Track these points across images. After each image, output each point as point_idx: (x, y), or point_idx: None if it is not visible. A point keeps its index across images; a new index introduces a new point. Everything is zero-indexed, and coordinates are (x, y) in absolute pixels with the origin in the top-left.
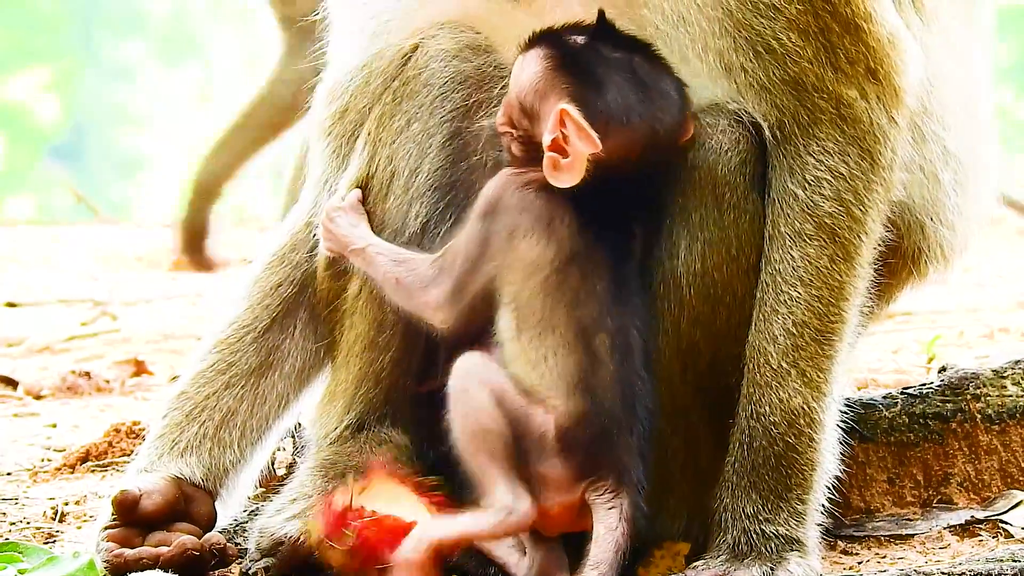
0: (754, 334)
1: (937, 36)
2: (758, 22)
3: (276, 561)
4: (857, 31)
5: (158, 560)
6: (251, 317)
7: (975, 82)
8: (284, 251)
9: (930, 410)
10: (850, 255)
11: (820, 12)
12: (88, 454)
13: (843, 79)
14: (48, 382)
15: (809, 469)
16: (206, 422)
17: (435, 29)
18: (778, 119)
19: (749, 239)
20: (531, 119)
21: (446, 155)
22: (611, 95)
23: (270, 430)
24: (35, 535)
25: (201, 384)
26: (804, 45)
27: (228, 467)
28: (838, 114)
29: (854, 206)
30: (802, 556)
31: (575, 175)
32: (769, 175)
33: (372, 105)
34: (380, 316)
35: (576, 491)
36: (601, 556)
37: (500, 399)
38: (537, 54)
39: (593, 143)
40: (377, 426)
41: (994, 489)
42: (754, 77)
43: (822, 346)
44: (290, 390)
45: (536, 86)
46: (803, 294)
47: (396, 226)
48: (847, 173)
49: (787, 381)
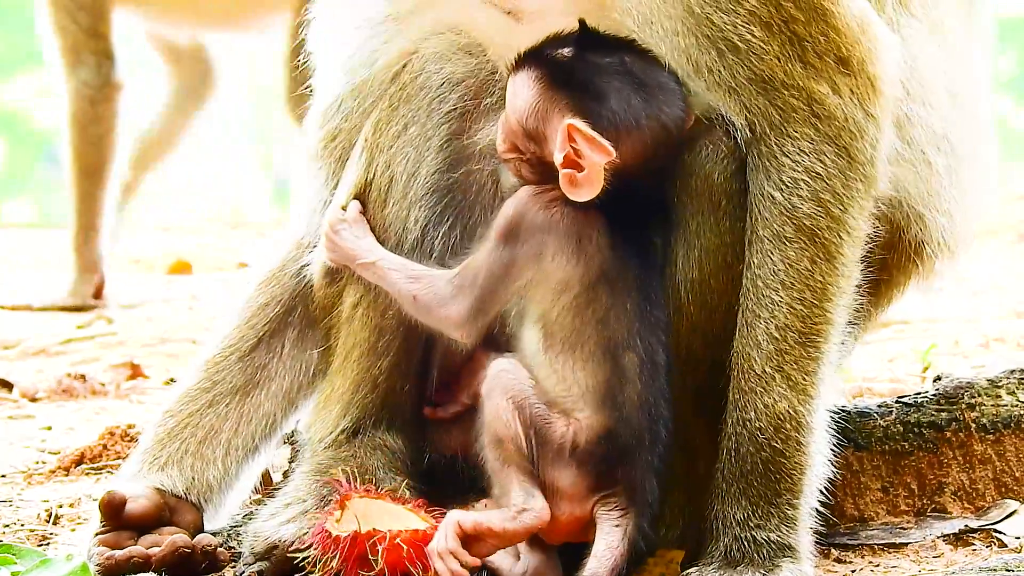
0: (738, 340)
1: (924, 24)
2: (719, 17)
3: (270, 565)
4: (824, 17)
5: (150, 560)
6: (238, 336)
7: (969, 74)
8: (274, 271)
9: (925, 419)
10: (832, 255)
11: (782, 2)
12: (83, 457)
13: (813, 74)
14: (43, 385)
15: (798, 474)
16: (188, 439)
17: (431, 33)
18: (749, 119)
19: (745, 247)
20: (537, 141)
21: (444, 158)
22: (614, 101)
23: (257, 449)
24: (29, 538)
25: (185, 402)
26: (769, 39)
27: (212, 482)
28: (810, 111)
29: (833, 205)
30: (795, 562)
31: (594, 187)
32: (747, 178)
33: (367, 115)
34: (380, 322)
35: (587, 504)
36: (598, 571)
37: (520, 407)
38: (527, 76)
39: (606, 151)
40: (372, 431)
41: (988, 498)
42: (721, 77)
43: (807, 349)
44: (277, 409)
45: (535, 108)
46: (785, 297)
47: (396, 231)
48: (824, 172)
49: (772, 386)
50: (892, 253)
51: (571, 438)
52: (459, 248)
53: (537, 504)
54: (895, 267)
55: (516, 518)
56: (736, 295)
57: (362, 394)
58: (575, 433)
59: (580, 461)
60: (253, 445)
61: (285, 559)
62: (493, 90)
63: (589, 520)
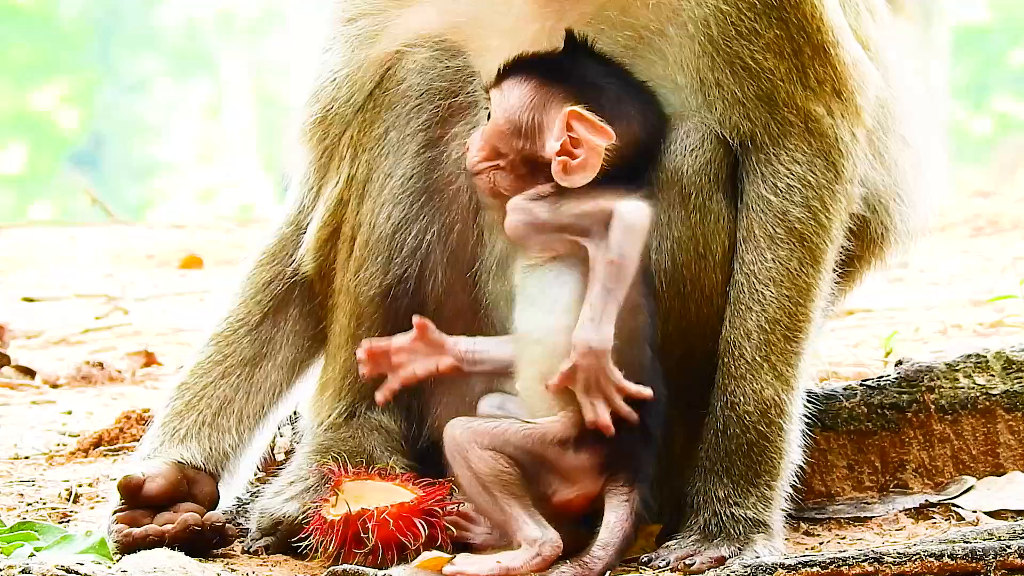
0: (728, 329)
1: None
2: (738, 43)
3: (275, 539)
4: (826, 54)
5: (163, 537)
6: (245, 312)
7: (928, 83)
8: (274, 249)
9: (887, 401)
10: (817, 259)
11: (795, 36)
12: (101, 439)
13: (812, 96)
14: (64, 372)
15: (778, 457)
16: (204, 410)
17: (416, 38)
18: (750, 130)
19: (715, 237)
20: (528, 135)
21: (420, 162)
22: (607, 94)
23: (267, 416)
24: (51, 515)
25: (199, 375)
26: (778, 64)
27: (228, 451)
28: (806, 128)
29: (821, 213)
30: (768, 538)
31: (589, 172)
32: (741, 181)
33: (355, 107)
34: (357, 310)
35: (597, 483)
36: (610, 539)
37: (503, 443)
38: (518, 78)
39: (607, 134)
40: (368, 413)
41: (947, 475)
42: (728, 91)
43: (791, 343)
44: (283, 379)
45: (531, 103)
46: (775, 293)
47: (370, 226)
48: (814, 182)
49: (760, 374)
50: (859, 241)
51: (572, 428)
52: (434, 246)
53: (551, 534)
54: (860, 254)
55: (538, 554)
56: (707, 284)
57: (351, 379)
58: (575, 421)
59: (588, 446)
60: (263, 413)
61: (290, 533)
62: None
63: (598, 496)
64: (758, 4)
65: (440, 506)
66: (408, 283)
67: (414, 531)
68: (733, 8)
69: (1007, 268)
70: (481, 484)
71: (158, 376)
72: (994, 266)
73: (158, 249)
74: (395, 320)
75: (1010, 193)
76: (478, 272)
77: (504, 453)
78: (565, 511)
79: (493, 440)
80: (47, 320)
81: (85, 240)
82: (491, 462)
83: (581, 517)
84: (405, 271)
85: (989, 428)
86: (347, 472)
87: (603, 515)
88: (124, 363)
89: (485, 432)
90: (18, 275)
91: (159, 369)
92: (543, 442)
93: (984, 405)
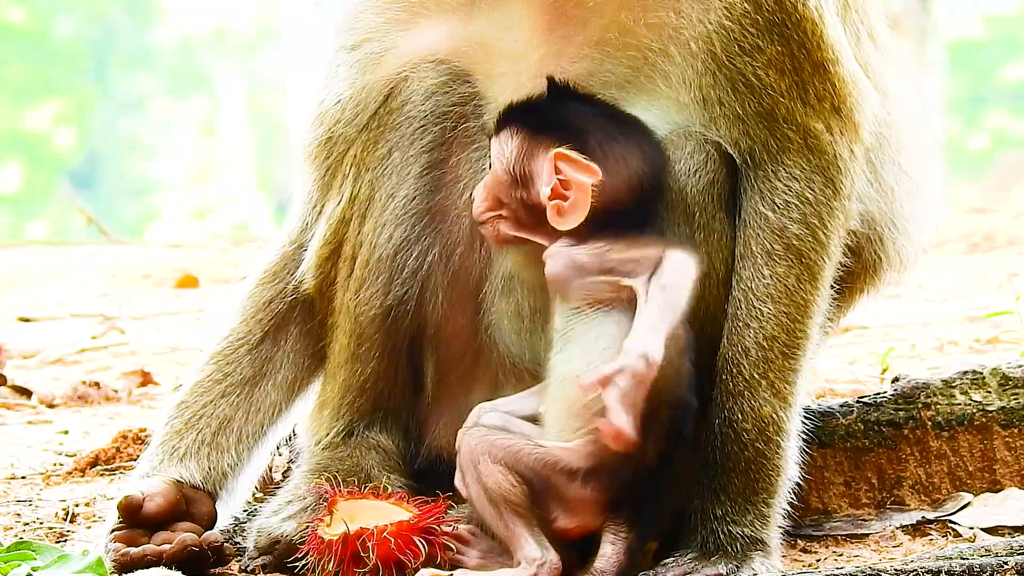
0: (726, 346)
1: (892, 67)
2: (740, 60)
3: (272, 558)
4: (826, 72)
5: (161, 557)
6: (245, 330)
7: (921, 99)
8: (275, 268)
9: (884, 417)
10: (815, 276)
11: (796, 52)
12: (97, 459)
13: (811, 113)
14: (60, 392)
15: (775, 474)
16: (203, 429)
17: (422, 62)
18: (749, 146)
19: (718, 256)
20: (524, 184)
21: (423, 184)
22: (595, 133)
23: (266, 435)
24: (47, 535)
25: (199, 394)
26: (779, 81)
27: (226, 470)
28: (805, 144)
29: (819, 230)
30: (765, 555)
31: (580, 212)
32: (739, 197)
33: (359, 127)
34: (357, 329)
35: (598, 519)
36: (605, 567)
37: (515, 460)
38: (510, 130)
39: (592, 171)
40: (366, 432)
41: (944, 491)
42: (730, 108)
43: (789, 360)
44: (283, 399)
45: (522, 152)
46: (773, 310)
47: (371, 246)
48: (813, 199)
49: (758, 391)
50: (855, 266)
51: (584, 460)
52: (435, 267)
53: (551, 556)
54: (856, 278)
55: (536, 574)
56: (711, 303)
57: (351, 398)
58: (587, 452)
59: (596, 480)
60: (262, 432)
61: (287, 552)
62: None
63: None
64: (760, 21)
65: (438, 523)
66: (409, 304)
67: (413, 549)
68: (736, 25)
69: (1003, 284)
70: (488, 497)
71: (154, 395)
72: (990, 282)
73: (154, 268)
74: (395, 341)
75: (1006, 209)
76: (479, 295)
77: (515, 471)
78: (562, 538)
79: (506, 456)
80: (43, 340)
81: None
82: (500, 477)
83: (575, 543)
84: (406, 292)
85: (986, 444)
86: (341, 491)
87: (599, 544)
88: (120, 383)
89: (499, 447)
90: (14, 295)
91: (155, 388)
92: (553, 468)
93: (980, 421)
